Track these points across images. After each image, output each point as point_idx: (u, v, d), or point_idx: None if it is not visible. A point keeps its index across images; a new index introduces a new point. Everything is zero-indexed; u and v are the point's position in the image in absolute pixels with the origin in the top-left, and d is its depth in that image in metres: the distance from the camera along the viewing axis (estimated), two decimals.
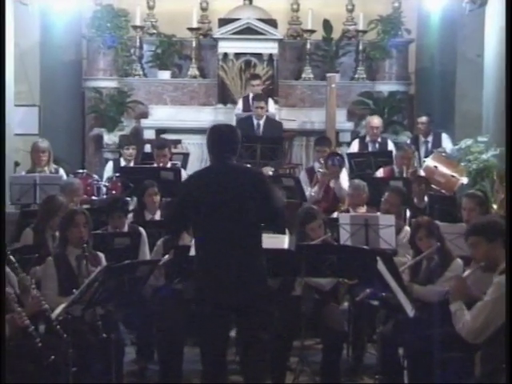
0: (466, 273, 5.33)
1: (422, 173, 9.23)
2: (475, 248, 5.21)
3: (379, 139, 10.77)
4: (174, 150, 10.42)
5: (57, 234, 6.75)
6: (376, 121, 10.86)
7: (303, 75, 13.17)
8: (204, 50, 13.37)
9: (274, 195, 5.46)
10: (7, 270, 5.53)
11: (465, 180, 9.26)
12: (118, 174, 9.44)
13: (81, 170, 10.09)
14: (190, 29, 12.96)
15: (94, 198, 9.20)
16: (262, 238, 5.47)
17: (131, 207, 8.15)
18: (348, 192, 8.27)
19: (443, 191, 9.00)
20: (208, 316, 5.29)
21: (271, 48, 12.72)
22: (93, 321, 5.77)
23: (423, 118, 11.06)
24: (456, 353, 5.67)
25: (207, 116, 12.51)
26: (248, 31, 12.64)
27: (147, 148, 11.92)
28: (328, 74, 12.06)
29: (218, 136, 5.50)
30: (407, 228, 7.32)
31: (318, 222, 6.64)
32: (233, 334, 5.83)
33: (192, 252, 5.93)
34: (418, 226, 6.34)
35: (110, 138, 12.40)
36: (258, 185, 5.37)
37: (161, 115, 12.64)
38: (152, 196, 8.00)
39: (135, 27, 12.95)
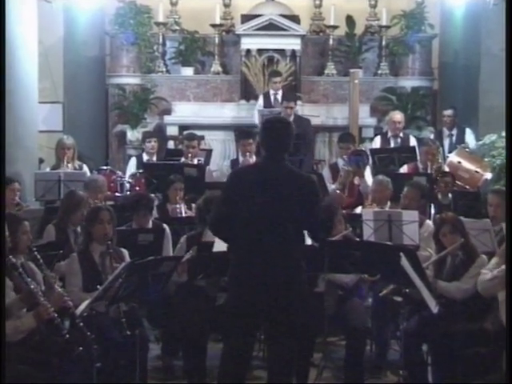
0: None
1: (446, 168, 9.19)
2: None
3: (401, 135, 10.76)
4: None
5: (78, 229, 6.82)
6: (398, 116, 10.84)
7: (326, 71, 13.15)
8: (227, 46, 13.37)
9: (319, 206, 5.33)
10: (32, 266, 5.58)
11: (489, 175, 9.23)
12: (141, 171, 9.48)
13: (104, 167, 10.14)
14: (213, 25, 12.98)
15: (117, 194, 9.24)
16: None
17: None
18: (371, 187, 8.26)
19: (467, 187, 8.97)
20: (239, 315, 5.25)
21: (294, 44, 12.72)
22: (117, 317, 5.79)
23: (449, 111, 11.12)
24: (481, 348, 5.67)
25: (230, 112, 12.55)
26: (271, 27, 12.63)
27: (170, 144, 11.98)
28: (351, 70, 12.04)
29: (270, 131, 5.36)
30: (429, 222, 7.31)
31: (338, 217, 6.64)
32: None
33: (215, 248, 5.94)
34: (442, 221, 6.32)
35: (133, 135, 12.44)
36: (307, 192, 5.24)
37: (184, 112, 12.66)
38: (177, 191, 8.07)
39: (158, 24, 12.98)
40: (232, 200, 5.30)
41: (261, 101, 11.68)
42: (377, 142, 10.81)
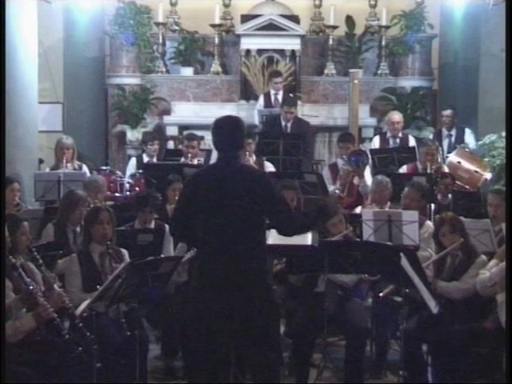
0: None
1: (445, 168, 9.19)
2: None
3: (400, 135, 10.78)
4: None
5: (77, 229, 6.82)
6: (397, 116, 10.85)
7: (326, 71, 13.15)
8: (226, 46, 13.39)
9: (276, 201, 5.24)
10: (32, 266, 5.57)
11: (488, 175, 9.22)
12: (141, 171, 9.48)
13: (104, 167, 10.14)
14: (213, 25, 12.99)
15: (117, 194, 9.24)
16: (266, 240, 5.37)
17: None
18: (371, 188, 8.25)
19: (467, 187, 8.96)
20: (204, 317, 5.19)
21: (294, 44, 12.73)
22: (117, 317, 5.79)
23: (448, 111, 11.12)
24: (481, 348, 5.67)
25: (230, 112, 12.43)
26: (270, 27, 12.64)
27: (170, 145, 11.98)
28: (351, 70, 12.04)
29: (221, 130, 5.35)
30: (429, 222, 7.30)
31: (339, 217, 6.64)
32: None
33: None
34: (442, 221, 6.32)
35: (133, 135, 12.45)
36: (260, 188, 5.19)
37: (183, 112, 12.67)
38: (176, 191, 8.04)
39: (158, 24, 12.99)
40: (189, 203, 5.28)
41: (261, 101, 11.68)
42: (375, 142, 10.82)
